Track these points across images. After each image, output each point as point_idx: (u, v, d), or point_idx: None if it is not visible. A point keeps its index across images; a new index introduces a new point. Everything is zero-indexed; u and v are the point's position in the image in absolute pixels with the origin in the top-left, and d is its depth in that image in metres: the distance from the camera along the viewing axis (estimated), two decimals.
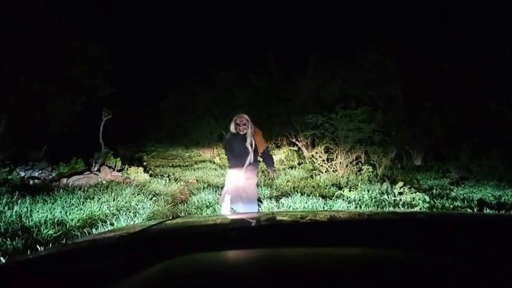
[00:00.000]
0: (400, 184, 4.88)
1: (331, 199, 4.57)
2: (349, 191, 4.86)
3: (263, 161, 3.48)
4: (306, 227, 0.91)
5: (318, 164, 7.40)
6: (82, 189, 4.84)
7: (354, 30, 12.06)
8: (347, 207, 4.22)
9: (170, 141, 14.80)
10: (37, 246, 2.62)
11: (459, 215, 1.51)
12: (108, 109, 8.60)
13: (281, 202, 4.45)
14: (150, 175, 6.85)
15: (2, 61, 7.34)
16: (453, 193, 5.24)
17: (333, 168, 7.13)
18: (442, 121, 8.24)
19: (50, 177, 6.30)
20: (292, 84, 10.81)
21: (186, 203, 4.70)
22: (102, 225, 3.34)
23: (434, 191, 5.35)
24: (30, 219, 3.43)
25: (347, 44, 10.39)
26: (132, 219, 3.63)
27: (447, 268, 0.51)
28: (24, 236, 2.91)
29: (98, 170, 6.56)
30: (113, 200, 4.32)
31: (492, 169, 6.59)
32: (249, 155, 3.09)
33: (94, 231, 3.18)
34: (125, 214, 3.74)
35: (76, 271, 0.57)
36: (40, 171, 6.56)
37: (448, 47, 8.45)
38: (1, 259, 2.30)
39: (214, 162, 10.08)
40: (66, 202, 4.04)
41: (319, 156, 7.42)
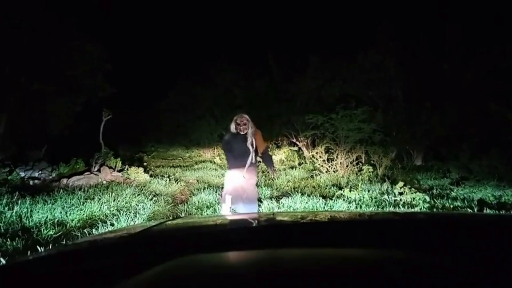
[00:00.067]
0: (401, 184, 4.89)
1: (332, 199, 4.57)
2: (350, 191, 4.86)
3: (263, 161, 3.48)
4: (307, 228, 0.91)
5: (319, 164, 7.40)
6: (82, 190, 4.83)
7: (354, 30, 12.06)
8: (348, 207, 4.22)
9: (170, 141, 14.79)
10: (37, 247, 2.62)
11: (459, 215, 1.51)
12: (108, 109, 8.59)
13: (282, 203, 4.45)
14: (151, 176, 6.85)
15: (2, 61, 7.34)
16: (453, 193, 5.24)
17: (334, 168, 7.13)
18: (442, 121, 8.25)
19: (50, 178, 6.30)
20: (292, 84, 10.81)
21: (187, 204, 4.70)
22: (102, 226, 3.34)
23: (434, 191, 5.35)
24: (30, 220, 3.43)
25: (347, 44, 10.39)
26: (133, 220, 3.63)
27: (448, 268, 0.51)
28: (24, 237, 2.91)
29: (98, 171, 6.56)
30: (114, 201, 4.32)
31: (492, 169, 6.60)
32: (251, 155, 3.09)
33: (95, 232, 3.18)
34: (126, 215, 3.74)
35: (77, 272, 0.57)
36: (40, 172, 6.56)
37: (448, 47, 8.45)
38: (1, 260, 2.30)
39: (215, 163, 10.08)
40: (66, 203, 4.04)
41: (320, 156, 7.42)
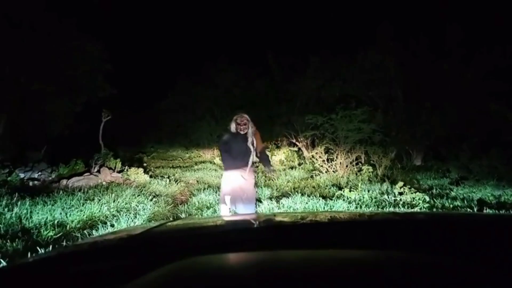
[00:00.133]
0: (400, 184, 4.89)
1: (332, 200, 4.57)
2: (349, 192, 4.86)
3: (260, 161, 3.47)
4: (307, 228, 0.91)
5: (318, 165, 7.40)
6: (82, 191, 4.83)
7: (354, 30, 12.04)
8: (348, 208, 4.21)
9: (170, 142, 14.78)
10: (37, 248, 2.61)
11: (459, 215, 1.52)
12: (108, 110, 8.58)
13: (282, 203, 4.44)
14: (150, 176, 6.85)
15: (2, 61, 7.33)
16: (453, 193, 5.24)
17: (333, 169, 7.13)
18: (442, 121, 8.25)
19: (50, 179, 6.29)
20: (292, 85, 10.81)
21: (187, 204, 4.70)
22: (103, 227, 3.34)
23: (434, 191, 5.35)
24: (30, 221, 3.42)
25: (347, 45, 10.37)
26: (133, 221, 3.63)
27: (448, 268, 0.51)
28: (24, 238, 2.91)
29: (98, 171, 6.56)
30: (113, 201, 4.32)
31: (492, 169, 6.60)
32: (251, 155, 3.08)
33: (95, 233, 3.17)
34: (126, 215, 3.73)
35: (78, 274, 0.57)
36: (40, 173, 6.55)
37: (448, 47, 8.46)
38: (1, 261, 2.29)
39: (214, 163, 10.07)
40: (66, 204, 4.03)
41: (319, 157, 7.42)
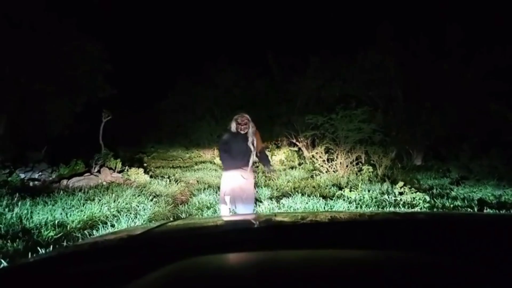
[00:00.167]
0: (401, 184, 4.89)
1: (332, 200, 4.57)
2: (350, 191, 4.86)
3: (260, 160, 3.47)
4: (308, 228, 0.92)
5: (319, 165, 7.40)
6: (83, 191, 4.83)
7: (354, 30, 12.04)
8: (348, 208, 4.22)
9: (170, 142, 14.79)
10: (38, 248, 2.62)
11: (460, 215, 1.52)
12: (108, 110, 8.58)
13: (282, 203, 4.45)
14: (151, 176, 6.85)
15: (2, 61, 7.33)
16: (453, 193, 5.24)
17: (334, 168, 7.13)
18: (442, 121, 8.25)
19: (50, 179, 6.30)
20: (293, 85, 10.81)
21: (187, 204, 4.70)
22: (103, 227, 3.34)
23: (435, 191, 5.35)
24: (31, 221, 3.43)
25: (347, 44, 10.37)
26: (133, 221, 3.63)
27: (448, 268, 0.51)
28: (25, 238, 2.91)
29: (99, 172, 6.56)
30: (114, 202, 4.32)
31: (492, 169, 6.60)
32: (252, 155, 3.09)
33: (95, 233, 3.17)
34: (126, 216, 3.74)
35: (79, 275, 0.57)
36: (40, 173, 6.55)
37: (448, 47, 8.46)
38: (2, 261, 2.30)
39: (215, 163, 10.07)
40: (67, 204, 4.03)
41: (320, 157, 7.42)
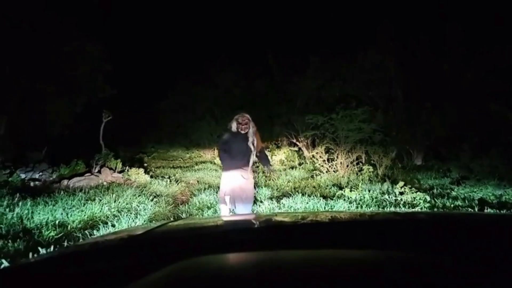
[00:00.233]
0: (401, 184, 4.89)
1: (332, 199, 4.57)
2: (350, 191, 4.86)
3: (259, 160, 3.48)
4: (308, 228, 0.92)
5: (319, 164, 7.40)
6: (83, 191, 4.84)
7: (354, 30, 12.04)
8: (348, 207, 4.22)
9: (171, 142, 14.80)
10: (39, 248, 2.62)
11: (460, 215, 1.52)
12: (108, 111, 8.58)
13: (282, 203, 4.45)
14: (151, 176, 6.85)
15: (2, 61, 7.33)
16: (454, 193, 5.24)
17: (334, 168, 7.13)
18: (442, 121, 8.25)
19: (51, 179, 6.30)
20: (293, 85, 10.81)
21: (187, 204, 4.71)
22: (104, 227, 3.34)
23: (435, 191, 5.35)
24: (31, 221, 3.43)
25: (347, 44, 10.37)
26: (134, 221, 3.63)
27: (448, 268, 0.51)
28: (26, 238, 2.91)
29: (99, 172, 6.56)
30: (114, 202, 4.32)
31: (493, 169, 6.60)
32: (252, 155, 3.09)
33: (96, 233, 3.18)
34: (126, 216, 3.74)
35: (79, 275, 0.57)
36: (41, 173, 6.55)
37: (448, 47, 8.45)
38: (3, 262, 2.30)
39: (215, 163, 10.07)
40: (67, 204, 4.04)
41: (320, 157, 7.42)
